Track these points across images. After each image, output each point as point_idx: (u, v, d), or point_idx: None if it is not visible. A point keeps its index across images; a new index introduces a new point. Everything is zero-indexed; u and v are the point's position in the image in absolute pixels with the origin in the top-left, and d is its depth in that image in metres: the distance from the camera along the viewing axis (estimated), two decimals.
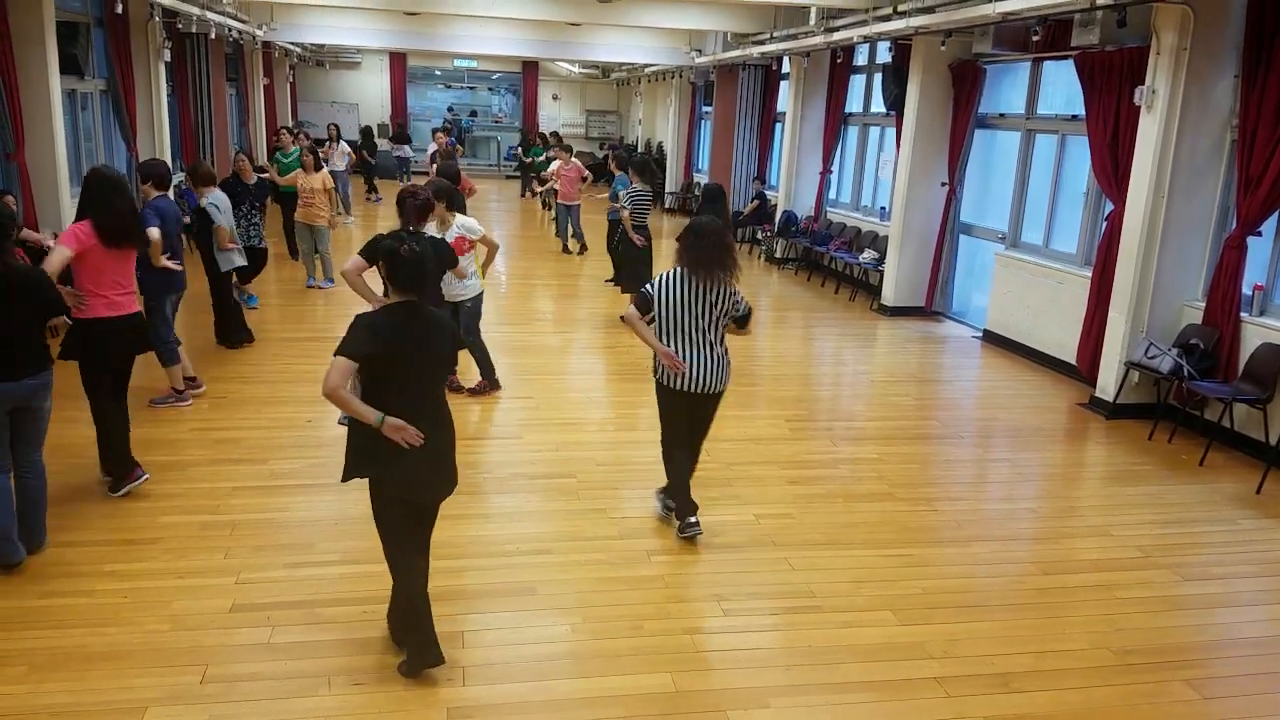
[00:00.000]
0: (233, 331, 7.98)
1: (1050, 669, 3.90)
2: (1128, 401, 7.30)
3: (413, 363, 3.42)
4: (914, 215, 10.60)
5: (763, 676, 3.76)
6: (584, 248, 13.95)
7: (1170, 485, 6.04)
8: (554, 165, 14.93)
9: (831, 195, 13.52)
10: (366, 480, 3.52)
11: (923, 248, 10.64)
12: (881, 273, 11.14)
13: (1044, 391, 8.05)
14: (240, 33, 14.64)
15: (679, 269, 4.68)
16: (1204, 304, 7.01)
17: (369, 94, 26.17)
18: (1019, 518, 5.51)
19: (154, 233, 5.88)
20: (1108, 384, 7.43)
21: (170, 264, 6.14)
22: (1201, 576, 4.83)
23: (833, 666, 3.84)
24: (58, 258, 4.79)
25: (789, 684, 3.72)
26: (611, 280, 11.21)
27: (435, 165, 11.57)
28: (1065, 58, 8.34)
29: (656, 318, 4.70)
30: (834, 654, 3.93)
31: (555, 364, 8.38)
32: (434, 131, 18.32)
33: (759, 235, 14.76)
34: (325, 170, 10.79)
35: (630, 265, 9.68)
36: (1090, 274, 7.98)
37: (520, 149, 22.61)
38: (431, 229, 6.35)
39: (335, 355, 3.29)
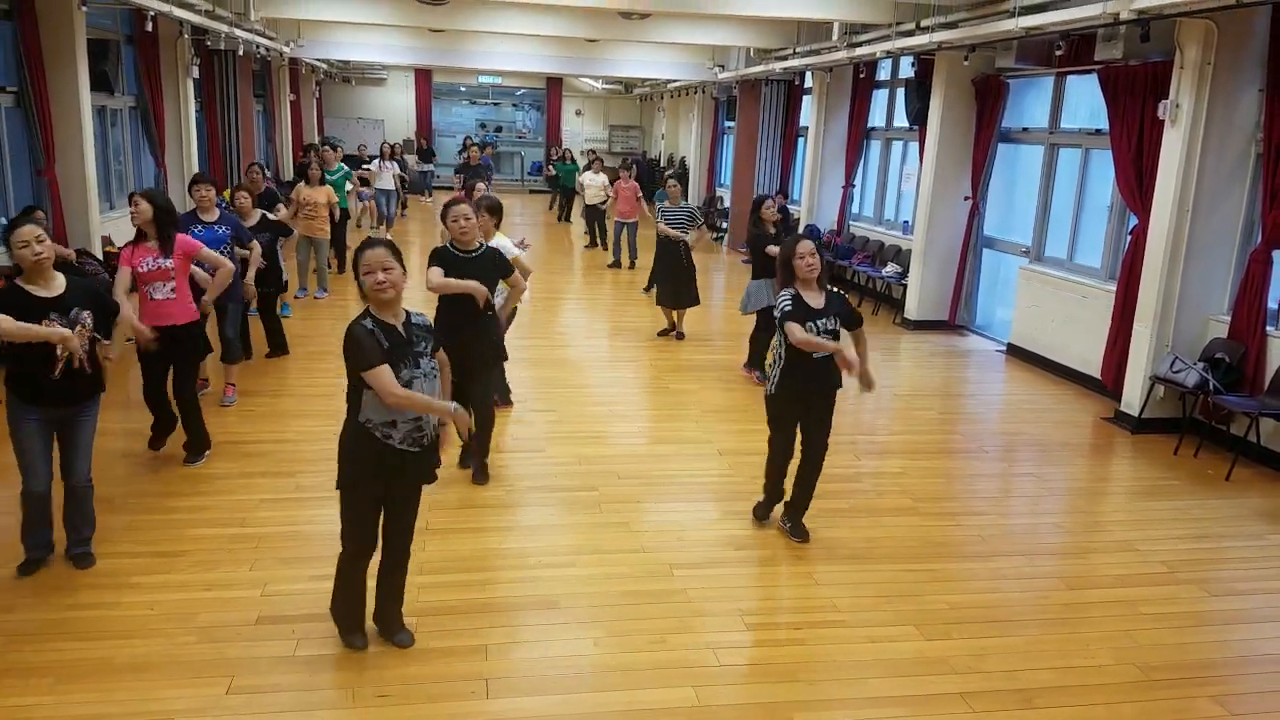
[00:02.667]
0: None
1: (1075, 685, 3.87)
2: (1153, 416, 7.24)
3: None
4: (937, 229, 10.58)
5: (786, 691, 3.76)
6: (634, 263, 14.02)
7: (1196, 500, 5.98)
8: (595, 179, 15.12)
9: (854, 209, 13.52)
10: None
11: (946, 262, 10.62)
12: (904, 287, 11.11)
13: (1068, 406, 7.99)
14: (268, 49, 14.86)
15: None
16: (1229, 318, 6.95)
17: (394, 110, 26.47)
18: (1043, 533, 5.48)
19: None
20: (1133, 398, 7.37)
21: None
22: (1228, 592, 4.78)
23: (857, 681, 3.83)
24: (121, 282, 5.37)
25: (813, 698, 3.71)
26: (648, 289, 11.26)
27: (464, 178, 11.77)
28: (1089, 72, 8.33)
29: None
30: (858, 669, 3.92)
31: (578, 377, 8.41)
32: (470, 146, 18.44)
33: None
34: (329, 185, 10.89)
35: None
36: (1115, 288, 7.94)
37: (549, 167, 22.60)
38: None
39: (370, 370, 3.42)
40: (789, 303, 4.68)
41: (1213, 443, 6.87)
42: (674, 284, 9.52)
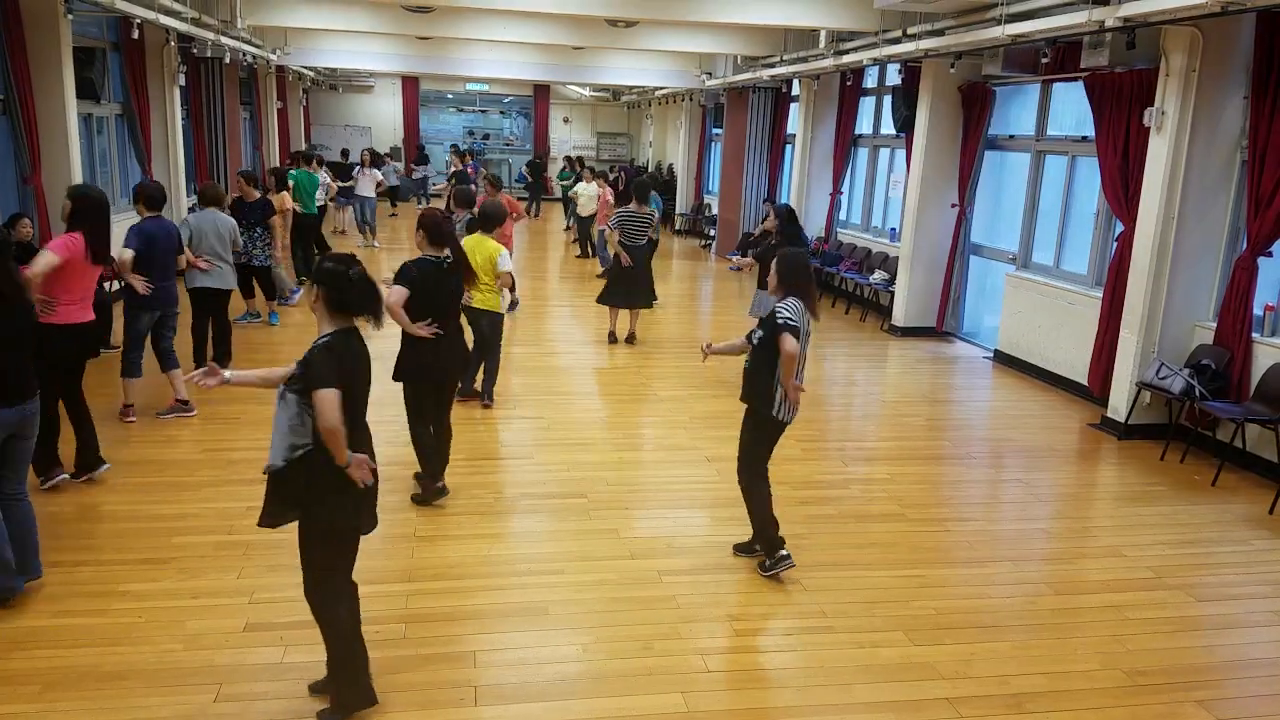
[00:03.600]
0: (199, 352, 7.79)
1: (1062, 690, 3.88)
2: (1139, 422, 7.28)
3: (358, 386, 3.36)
4: (924, 236, 10.63)
5: (775, 697, 3.76)
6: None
7: (1182, 506, 6.02)
8: (588, 189, 15.16)
9: (842, 216, 13.57)
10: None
11: (933, 268, 10.66)
12: (892, 293, 11.16)
13: (1055, 412, 8.03)
14: (254, 57, 14.85)
15: (798, 302, 4.60)
16: (1215, 324, 7.00)
17: (382, 117, 26.45)
18: (1031, 538, 5.50)
19: (125, 254, 6.20)
20: (1119, 404, 7.41)
21: (137, 281, 6.22)
22: (1214, 597, 4.80)
23: (845, 687, 3.83)
24: (43, 262, 4.99)
25: (801, 704, 3.71)
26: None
27: (452, 186, 11.83)
28: (1075, 79, 8.39)
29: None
30: (846, 674, 3.92)
31: (566, 384, 8.40)
32: (456, 153, 18.55)
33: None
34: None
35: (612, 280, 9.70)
36: (1101, 295, 7.98)
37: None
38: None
39: (322, 389, 3.12)
40: (796, 315, 4.55)
41: (1199, 449, 6.92)
42: (626, 285, 9.34)
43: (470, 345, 6.23)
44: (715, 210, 17.74)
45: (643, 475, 6.11)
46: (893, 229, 12.07)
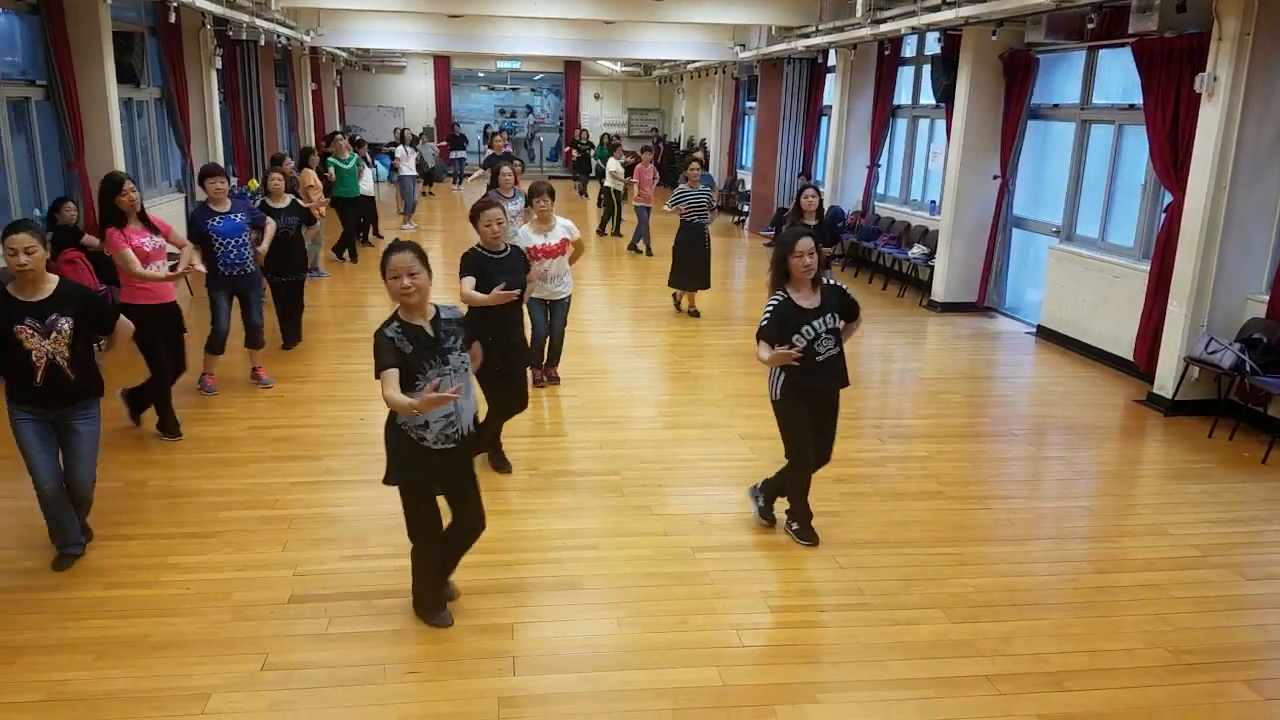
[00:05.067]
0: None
1: (1104, 668, 3.83)
2: (1187, 398, 7.13)
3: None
4: (965, 209, 10.45)
5: (810, 673, 3.76)
6: (650, 250, 13.96)
7: (1230, 483, 5.89)
8: (615, 165, 15.10)
9: (879, 190, 13.38)
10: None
11: (974, 242, 10.49)
12: (931, 268, 11.00)
13: (1100, 388, 7.89)
14: (288, 39, 14.94)
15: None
16: (1268, 297, 6.82)
17: (414, 97, 26.54)
18: (1073, 516, 5.42)
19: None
20: (1166, 380, 7.26)
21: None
22: (1262, 576, 4.70)
23: (881, 664, 3.81)
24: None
25: (837, 680, 3.71)
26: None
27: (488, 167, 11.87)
28: (1122, 46, 8.17)
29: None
30: (883, 651, 3.90)
31: (599, 362, 8.41)
32: (494, 135, 18.52)
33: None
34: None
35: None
36: (1148, 267, 7.81)
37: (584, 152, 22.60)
38: (526, 230, 6.49)
39: (378, 375, 3.50)
40: (768, 315, 4.46)
41: (1249, 425, 6.75)
42: (696, 267, 9.58)
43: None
44: (749, 186, 17.60)
45: (676, 452, 6.11)
46: (932, 202, 11.88)
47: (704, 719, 3.44)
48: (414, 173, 15.61)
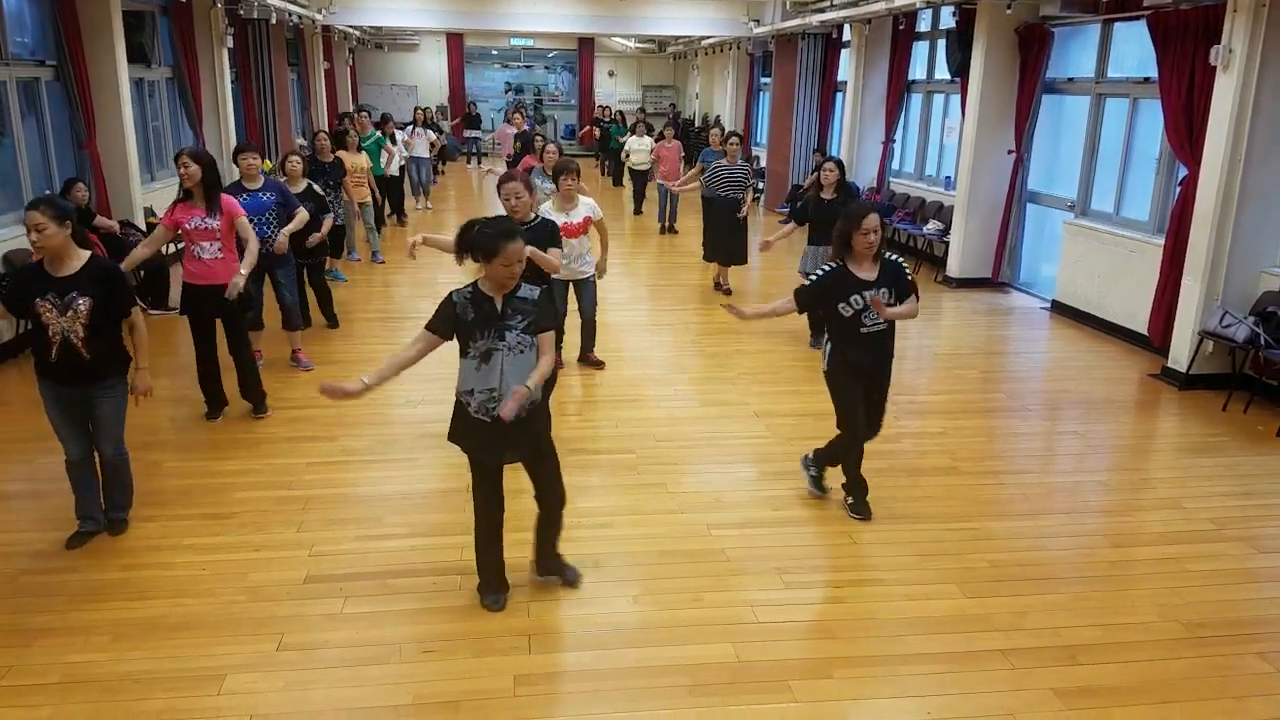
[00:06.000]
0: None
1: (1118, 641, 3.84)
2: (1201, 372, 7.09)
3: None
4: (980, 184, 10.36)
5: (825, 648, 3.78)
6: (674, 227, 13.94)
7: (1245, 457, 5.87)
8: (641, 143, 15.00)
9: (894, 166, 13.28)
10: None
11: (989, 218, 10.41)
12: (946, 244, 10.94)
13: (1114, 362, 7.85)
14: (300, 17, 14.88)
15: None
16: None
17: (427, 75, 26.43)
18: (1088, 490, 5.41)
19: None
20: (1180, 354, 7.22)
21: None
22: (1276, 549, 4.69)
23: (896, 638, 3.83)
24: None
25: (851, 655, 3.73)
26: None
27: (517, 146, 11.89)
28: (1137, 18, 8.06)
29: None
30: (898, 626, 3.92)
31: (615, 340, 8.41)
32: (510, 113, 18.33)
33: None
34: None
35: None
36: (1163, 241, 7.74)
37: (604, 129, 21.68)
38: (548, 207, 6.45)
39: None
40: (815, 279, 4.60)
41: (1263, 399, 6.72)
42: (729, 242, 9.63)
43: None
44: (764, 162, 17.49)
45: (691, 430, 6.12)
46: (947, 177, 11.79)
47: (720, 695, 3.46)
48: (427, 154, 15.56)
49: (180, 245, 5.94)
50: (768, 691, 3.48)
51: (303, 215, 6.87)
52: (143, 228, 9.36)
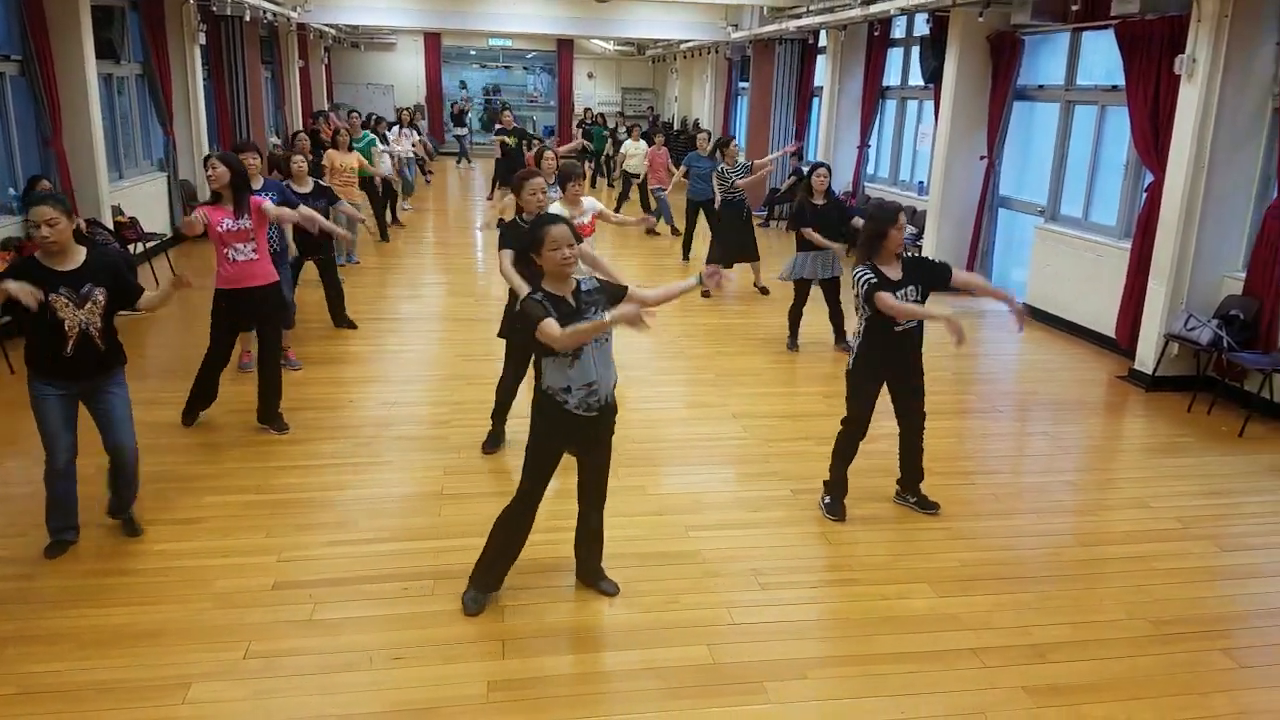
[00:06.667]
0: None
1: (1087, 639, 3.89)
2: (1167, 374, 7.20)
3: None
4: (952, 189, 10.47)
5: (799, 649, 3.80)
6: (675, 230, 13.91)
7: (1209, 457, 5.97)
8: (636, 148, 15.09)
9: (869, 170, 13.39)
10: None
11: (961, 222, 10.52)
12: (920, 248, 11.03)
13: (1083, 365, 7.96)
14: (275, 15, 14.74)
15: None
16: (1244, 274, 6.89)
17: (404, 75, 26.29)
18: (1057, 490, 5.48)
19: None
20: (1147, 356, 7.33)
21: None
22: (1240, 547, 4.78)
23: (869, 638, 3.86)
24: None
25: (826, 655, 3.75)
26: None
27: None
28: (1105, 27, 8.18)
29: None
30: (870, 626, 3.95)
31: None
32: (498, 113, 18.22)
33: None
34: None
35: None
36: (1130, 246, 7.86)
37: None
38: (556, 208, 6.41)
39: (538, 327, 3.56)
40: (872, 275, 4.59)
41: (1226, 400, 6.84)
42: (740, 242, 9.72)
43: None
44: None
45: (669, 432, 6.13)
46: (920, 182, 11.90)
47: (695, 697, 3.47)
48: (410, 154, 15.48)
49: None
50: (743, 693, 3.49)
51: (306, 212, 6.70)
52: (110, 226, 9.23)
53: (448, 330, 8.61)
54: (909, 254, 4.77)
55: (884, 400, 4.93)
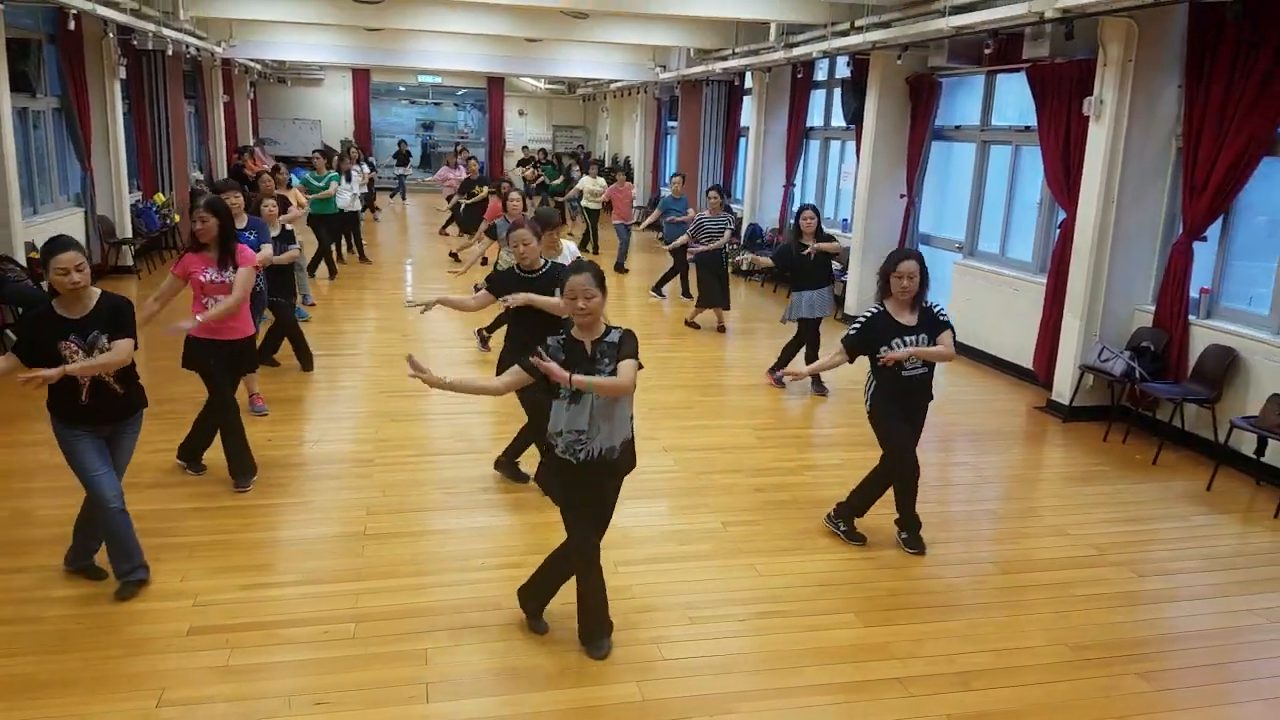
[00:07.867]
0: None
1: (1009, 666, 3.95)
2: (1083, 404, 7.43)
3: None
4: (874, 226, 10.73)
5: (728, 683, 3.78)
6: (623, 265, 14.14)
7: (1125, 484, 6.16)
8: (595, 184, 15.25)
9: (795, 208, 13.63)
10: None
11: (884, 258, 10.70)
12: (844, 283, 11.25)
13: (1002, 396, 8.18)
14: (199, 49, 14.52)
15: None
16: (1154, 307, 7.17)
17: (332, 110, 26.02)
18: (979, 519, 5.59)
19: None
20: (1063, 387, 7.56)
21: None
22: (1156, 572, 4.93)
23: (798, 670, 3.86)
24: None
25: (754, 688, 3.74)
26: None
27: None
28: (1017, 70, 8.51)
29: None
30: (799, 658, 3.95)
31: None
32: (457, 156, 18.26)
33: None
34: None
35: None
36: (1045, 280, 8.13)
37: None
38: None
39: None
40: (859, 325, 4.79)
41: (1140, 429, 7.08)
42: (719, 288, 10.00)
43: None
44: (743, 214, 17.70)
45: None
46: (845, 220, 12.16)
47: None
48: (364, 190, 15.25)
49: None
50: None
51: (268, 252, 6.61)
52: (23, 263, 8.91)
53: (372, 367, 8.48)
54: (933, 306, 4.86)
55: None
